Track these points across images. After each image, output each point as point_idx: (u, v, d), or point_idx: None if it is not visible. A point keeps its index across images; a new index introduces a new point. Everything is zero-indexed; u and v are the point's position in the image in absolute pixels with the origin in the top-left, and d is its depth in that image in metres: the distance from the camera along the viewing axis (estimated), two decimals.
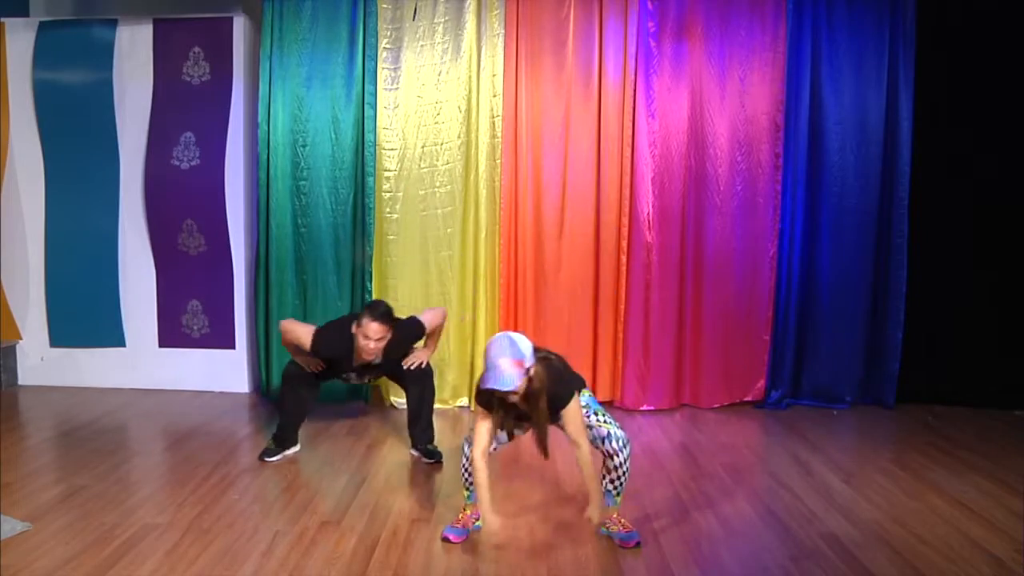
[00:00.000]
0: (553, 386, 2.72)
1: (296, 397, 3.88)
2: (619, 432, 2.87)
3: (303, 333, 3.72)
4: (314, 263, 4.89)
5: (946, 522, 3.20)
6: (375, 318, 3.53)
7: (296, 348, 3.79)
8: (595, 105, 4.84)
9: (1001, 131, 4.82)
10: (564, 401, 2.75)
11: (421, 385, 3.87)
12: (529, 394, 2.68)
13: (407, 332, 3.78)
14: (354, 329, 3.58)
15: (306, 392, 3.91)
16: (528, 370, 2.65)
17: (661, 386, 4.91)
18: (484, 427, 2.79)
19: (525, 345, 2.67)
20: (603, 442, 2.86)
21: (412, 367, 3.83)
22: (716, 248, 4.90)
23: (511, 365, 2.59)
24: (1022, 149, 4.80)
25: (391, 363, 3.84)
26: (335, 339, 3.68)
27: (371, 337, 3.52)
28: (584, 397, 2.96)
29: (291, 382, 3.88)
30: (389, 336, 3.60)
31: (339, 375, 3.90)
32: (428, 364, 3.91)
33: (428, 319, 3.87)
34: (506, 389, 2.59)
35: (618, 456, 2.85)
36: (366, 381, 3.98)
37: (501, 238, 4.88)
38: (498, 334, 2.77)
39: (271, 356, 4.96)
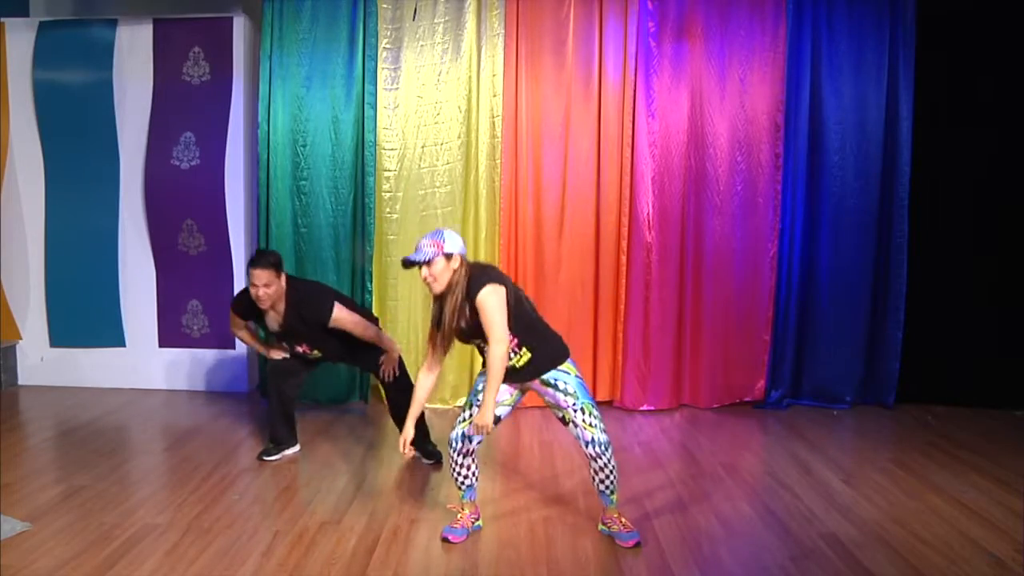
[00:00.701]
0: (471, 279, 2.79)
1: (278, 392, 3.89)
2: (602, 436, 2.85)
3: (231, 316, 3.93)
4: (314, 263, 4.89)
5: (946, 522, 3.20)
6: (256, 264, 3.59)
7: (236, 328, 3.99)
8: (595, 105, 4.84)
9: (1001, 131, 4.82)
10: (475, 290, 2.76)
11: (399, 389, 3.85)
12: (449, 286, 2.81)
13: (310, 296, 3.71)
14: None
15: (287, 387, 3.91)
16: (449, 256, 2.79)
17: (661, 386, 4.91)
18: (429, 344, 2.95)
19: (452, 237, 2.82)
20: (586, 446, 2.86)
21: (387, 378, 3.82)
22: (716, 248, 4.90)
23: (428, 243, 2.79)
24: (1022, 149, 4.80)
25: (306, 332, 3.72)
26: (244, 296, 3.76)
27: (256, 284, 3.57)
28: (572, 381, 2.89)
29: (272, 379, 3.92)
30: (279, 286, 3.61)
31: (275, 340, 3.88)
32: (405, 374, 3.88)
33: (339, 316, 3.68)
34: (415, 258, 2.79)
35: (600, 459, 2.85)
36: (301, 351, 3.80)
37: (501, 238, 4.88)
38: None
39: None
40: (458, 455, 2.96)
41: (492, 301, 2.75)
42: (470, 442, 2.94)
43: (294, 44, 4.84)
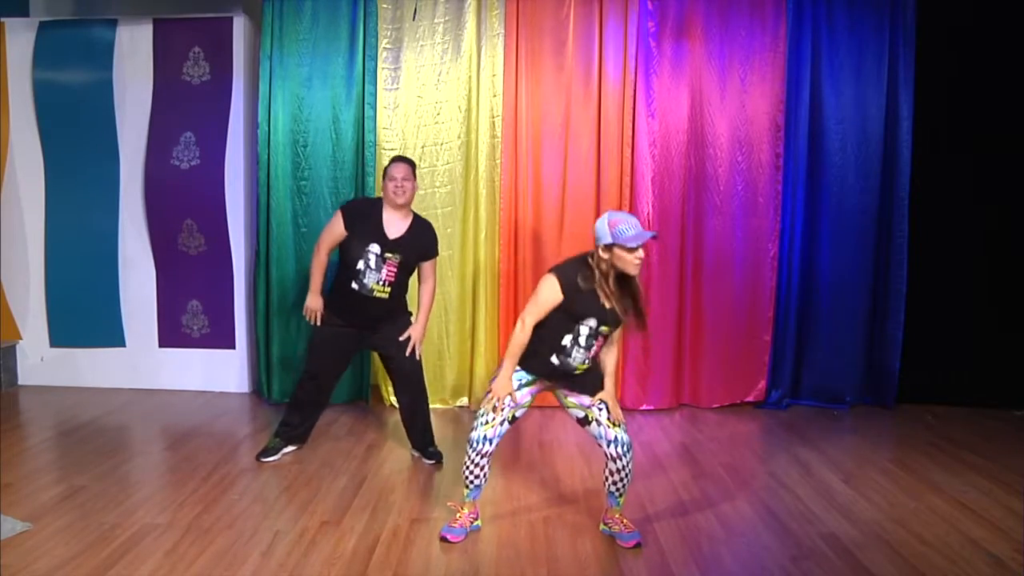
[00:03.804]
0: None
1: (313, 395, 3.87)
2: (625, 436, 2.87)
3: (332, 221, 3.77)
4: None
5: (946, 522, 3.20)
6: (398, 160, 3.76)
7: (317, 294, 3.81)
8: (595, 105, 4.84)
9: (1001, 130, 4.82)
10: (640, 304, 2.87)
11: (412, 393, 3.86)
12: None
13: (427, 229, 3.80)
14: (383, 181, 3.72)
15: (325, 389, 3.90)
16: None
17: (661, 386, 4.91)
18: (551, 295, 2.80)
19: None
20: (608, 445, 2.87)
21: (407, 351, 3.76)
22: (716, 248, 4.90)
23: (638, 225, 2.75)
24: (1022, 148, 4.80)
25: (410, 254, 3.70)
26: (362, 203, 3.91)
27: (396, 176, 3.64)
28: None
29: (309, 379, 3.85)
30: (413, 189, 3.72)
31: (362, 253, 3.64)
32: (420, 368, 3.87)
33: (435, 263, 3.87)
34: (643, 233, 2.71)
35: (621, 460, 2.86)
36: (383, 275, 3.64)
37: (501, 238, 4.87)
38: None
39: (271, 356, 4.96)
40: (478, 456, 2.94)
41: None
42: (491, 444, 2.93)
43: (294, 44, 4.84)
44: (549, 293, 2.80)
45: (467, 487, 3.02)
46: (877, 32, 4.80)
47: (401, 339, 3.78)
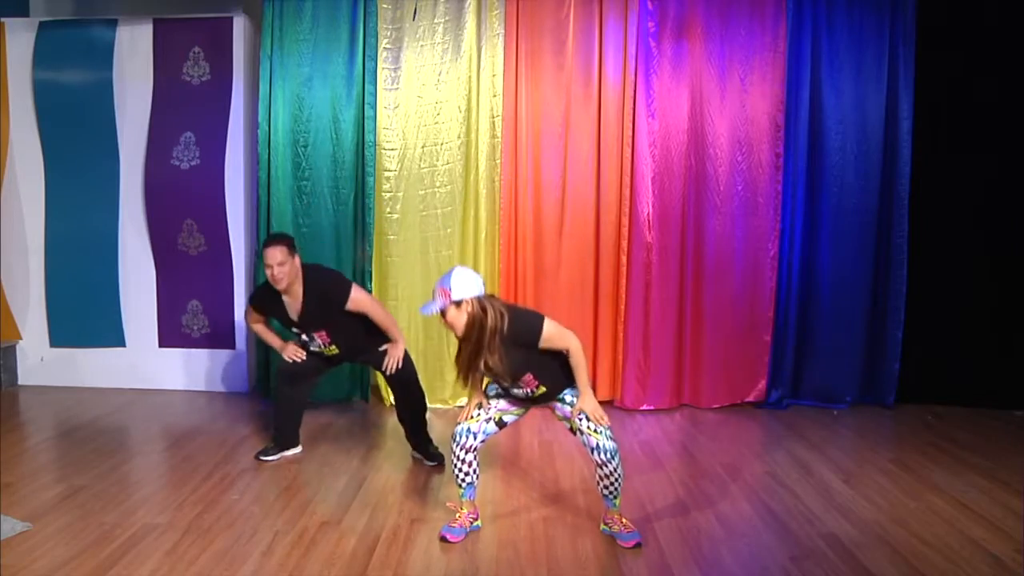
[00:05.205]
0: (506, 324, 2.79)
1: (289, 396, 3.89)
2: (608, 444, 2.84)
3: (247, 311, 3.92)
4: (315, 263, 4.87)
5: (946, 522, 3.20)
6: (267, 243, 3.61)
7: (258, 331, 3.95)
8: (595, 105, 4.84)
9: (1001, 131, 4.81)
10: (533, 334, 2.80)
11: (406, 393, 3.86)
12: (474, 328, 2.79)
13: (328, 276, 3.73)
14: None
15: (298, 391, 3.91)
16: (458, 303, 2.77)
17: (661, 386, 4.91)
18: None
19: (464, 280, 2.80)
20: (591, 452, 2.87)
21: (390, 370, 3.73)
22: (716, 248, 4.90)
23: (437, 292, 2.80)
24: (1022, 149, 4.80)
25: (320, 321, 3.64)
26: (263, 291, 3.77)
27: (271, 263, 3.51)
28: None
29: (283, 382, 3.89)
30: (293, 266, 3.56)
31: (291, 334, 3.78)
32: (412, 369, 3.85)
33: (357, 295, 3.65)
34: (423, 313, 2.83)
35: (607, 466, 2.86)
36: (320, 342, 3.69)
37: (501, 238, 4.88)
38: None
39: (271, 356, 4.95)
40: (460, 450, 2.96)
41: (555, 330, 2.83)
42: (474, 439, 2.96)
43: (294, 44, 4.84)
44: None
45: (459, 486, 3.02)
46: (877, 32, 4.80)
47: (380, 349, 3.76)
